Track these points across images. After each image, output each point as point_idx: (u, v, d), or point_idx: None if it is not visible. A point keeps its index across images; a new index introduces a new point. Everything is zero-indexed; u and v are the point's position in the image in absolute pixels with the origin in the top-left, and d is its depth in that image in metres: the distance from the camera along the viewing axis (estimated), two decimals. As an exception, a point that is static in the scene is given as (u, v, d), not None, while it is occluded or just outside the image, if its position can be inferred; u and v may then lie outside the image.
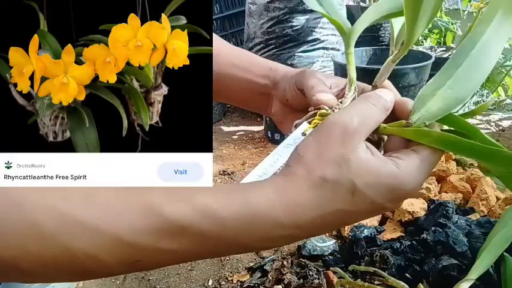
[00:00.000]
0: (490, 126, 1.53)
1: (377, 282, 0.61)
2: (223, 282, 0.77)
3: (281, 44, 1.55)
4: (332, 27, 1.55)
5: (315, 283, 0.67)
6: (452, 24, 1.88)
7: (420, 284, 0.56)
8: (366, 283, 0.58)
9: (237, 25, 2.05)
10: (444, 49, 1.71)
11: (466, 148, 0.34)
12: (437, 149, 0.35)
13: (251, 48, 1.61)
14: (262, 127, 1.60)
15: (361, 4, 1.86)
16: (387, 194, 0.33)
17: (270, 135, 1.51)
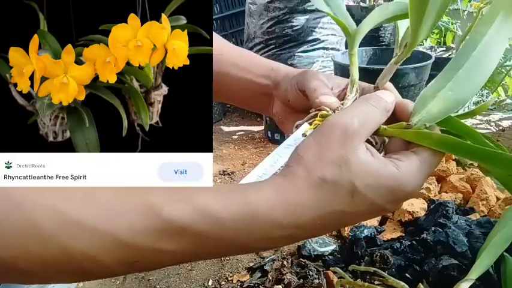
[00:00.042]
0: (490, 126, 1.53)
1: (377, 282, 0.61)
2: (223, 282, 0.77)
3: (281, 44, 1.55)
4: (332, 27, 1.55)
5: (315, 283, 0.67)
6: (452, 24, 1.88)
7: (420, 284, 0.56)
8: (366, 283, 0.57)
9: (237, 25, 2.05)
10: (444, 49, 1.71)
11: (467, 150, 0.34)
12: (438, 150, 0.35)
13: (251, 48, 1.61)
14: (262, 127, 1.60)
15: (361, 4, 1.86)
16: (387, 195, 0.33)
17: (270, 135, 1.51)
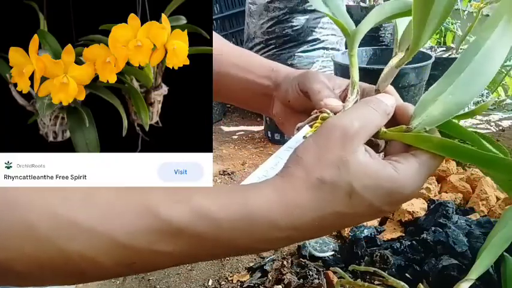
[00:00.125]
0: (490, 126, 1.53)
1: (377, 282, 0.61)
2: (223, 282, 0.77)
3: (281, 44, 1.55)
4: (332, 27, 1.55)
5: (315, 283, 0.67)
6: (452, 24, 1.88)
7: (420, 284, 0.56)
8: (366, 283, 0.58)
9: (237, 25, 2.05)
10: (444, 49, 1.71)
11: (467, 154, 0.34)
12: (437, 154, 0.35)
13: (251, 48, 1.61)
14: (262, 127, 1.60)
15: (361, 4, 1.86)
16: (385, 197, 0.33)
17: (270, 135, 1.51)
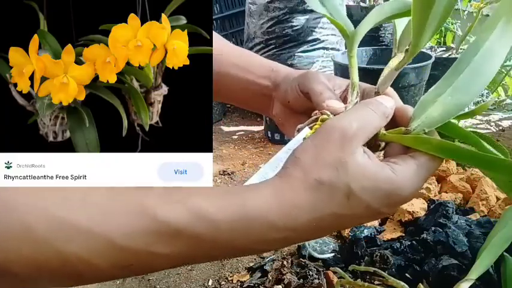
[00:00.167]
0: (490, 126, 1.53)
1: (377, 282, 0.61)
2: (223, 282, 0.77)
3: (281, 44, 1.55)
4: (332, 27, 1.55)
5: (315, 283, 0.67)
6: (452, 24, 1.88)
7: (420, 284, 0.56)
8: (366, 283, 0.58)
9: (237, 25, 2.05)
10: (444, 49, 1.71)
11: (466, 156, 0.34)
12: (436, 156, 0.35)
13: (251, 48, 1.61)
14: (262, 127, 1.60)
15: (361, 4, 1.86)
16: (383, 198, 0.33)
17: (270, 135, 1.51)
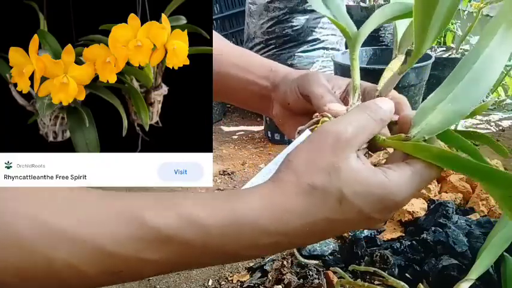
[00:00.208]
0: (490, 126, 1.53)
1: (377, 282, 0.61)
2: (223, 282, 0.77)
3: (281, 44, 1.55)
4: (332, 27, 1.55)
5: (315, 283, 0.67)
6: (452, 24, 1.88)
7: (420, 284, 0.56)
8: (366, 283, 0.58)
9: (237, 25, 2.05)
10: (444, 49, 1.71)
11: (465, 166, 0.33)
12: (434, 164, 0.34)
13: (251, 48, 1.61)
14: (262, 127, 1.60)
15: (361, 4, 1.86)
16: (375, 203, 0.33)
17: (270, 135, 1.51)
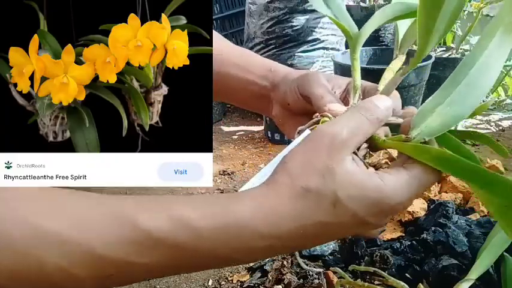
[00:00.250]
0: (490, 126, 1.53)
1: (377, 282, 0.61)
2: (223, 282, 0.77)
3: (281, 44, 1.55)
4: (332, 27, 1.55)
5: (315, 283, 0.67)
6: (452, 24, 1.88)
7: (420, 284, 0.56)
8: (366, 283, 0.58)
9: (237, 25, 2.05)
10: (444, 49, 1.71)
11: (465, 170, 0.32)
12: (431, 168, 0.33)
13: (251, 48, 1.61)
14: (262, 127, 1.60)
15: (361, 4, 1.86)
16: (370, 207, 0.32)
17: (270, 135, 1.51)
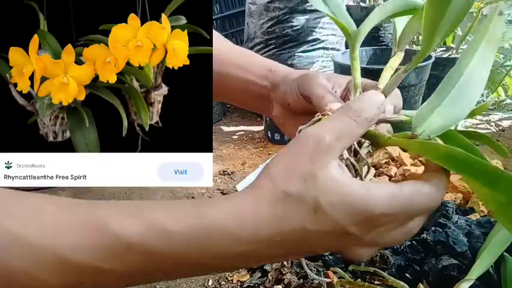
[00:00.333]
0: (490, 126, 1.53)
1: (377, 282, 0.61)
2: (223, 282, 0.77)
3: (281, 44, 1.55)
4: (332, 27, 1.55)
5: (315, 283, 0.67)
6: (452, 24, 1.88)
7: (420, 284, 0.56)
8: (366, 283, 0.58)
9: (237, 25, 2.05)
10: (444, 49, 1.71)
11: (474, 168, 0.30)
12: (427, 192, 0.32)
13: (251, 48, 1.61)
14: (262, 127, 1.60)
15: (361, 4, 1.86)
16: (351, 215, 0.30)
17: (270, 135, 1.51)
